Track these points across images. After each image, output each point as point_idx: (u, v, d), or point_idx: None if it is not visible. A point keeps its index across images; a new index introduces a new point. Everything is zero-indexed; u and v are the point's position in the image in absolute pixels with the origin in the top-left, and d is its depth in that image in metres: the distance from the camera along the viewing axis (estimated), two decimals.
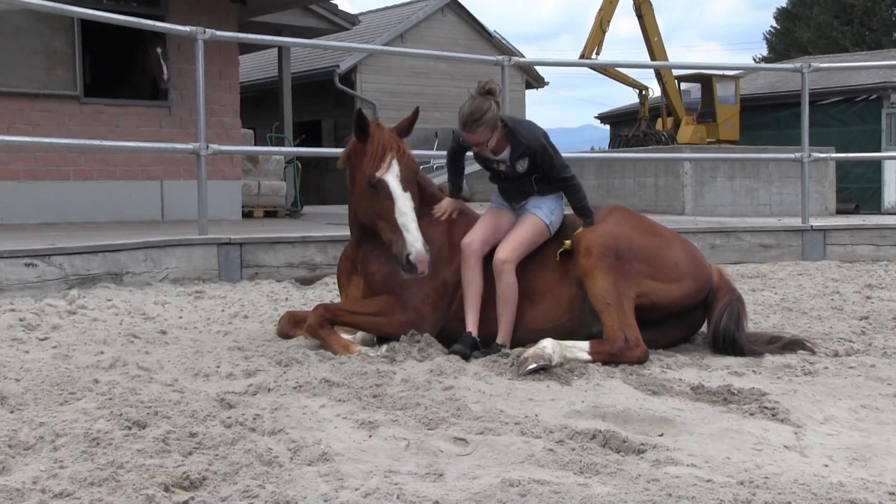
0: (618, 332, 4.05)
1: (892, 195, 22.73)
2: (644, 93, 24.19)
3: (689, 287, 4.32)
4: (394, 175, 4.22)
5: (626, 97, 48.73)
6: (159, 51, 11.02)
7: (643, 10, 22.45)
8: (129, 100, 11.13)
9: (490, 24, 33.02)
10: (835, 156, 12.79)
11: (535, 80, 26.70)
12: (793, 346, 4.35)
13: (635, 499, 2.33)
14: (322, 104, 23.22)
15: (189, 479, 2.40)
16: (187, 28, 7.21)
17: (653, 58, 22.51)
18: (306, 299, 6.01)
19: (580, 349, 4.01)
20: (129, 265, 6.25)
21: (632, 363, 3.99)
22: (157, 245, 6.49)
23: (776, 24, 43.76)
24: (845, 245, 8.78)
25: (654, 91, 24.46)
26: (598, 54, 22.61)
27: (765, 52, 44.93)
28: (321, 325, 4.26)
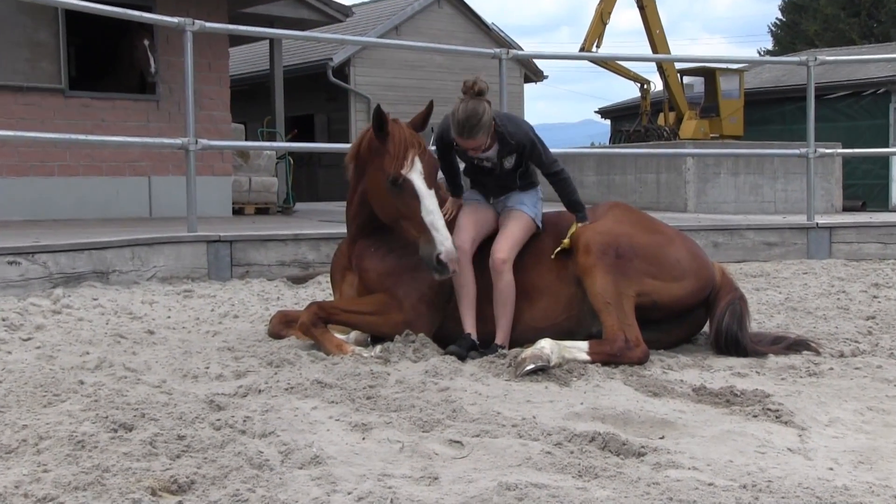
0: (618, 332, 4.00)
1: None
2: (645, 87, 23.95)
3: (691, 286, 4.27)
4: (417, 173, 4.12)
5: (627, 91, 48.83)
6: (147, 43, 10.93)
7: (645, 2, 22.27)
8: (116, 93, 11.05)
9: (488, 16, 32.94)
10: (841, 151, 12.70)
11: (534, 74, 26.60)
12: (797, 346, 4.31)
13: (635, 503, 2.31)
14: (315, 98, 23.07)
15: (177, 482, 2.37)
16: (175, 19, 7.09)
17: (654, 51, 22.26)
18: (298, 298, 5.96)
19: (579, 349, 3.96)
20: (116, 263, 6.17)
21: (632, 364, 3.95)
22: (145, 243, 6.41)
23: (782, 16, 43.59)
24: (851, 243, 8.73)
25: (656, 85, 24.32)
26: (599, 47, 22.43)
27: (770, 44, 44.80)
28: (314, 324, 4.19)
